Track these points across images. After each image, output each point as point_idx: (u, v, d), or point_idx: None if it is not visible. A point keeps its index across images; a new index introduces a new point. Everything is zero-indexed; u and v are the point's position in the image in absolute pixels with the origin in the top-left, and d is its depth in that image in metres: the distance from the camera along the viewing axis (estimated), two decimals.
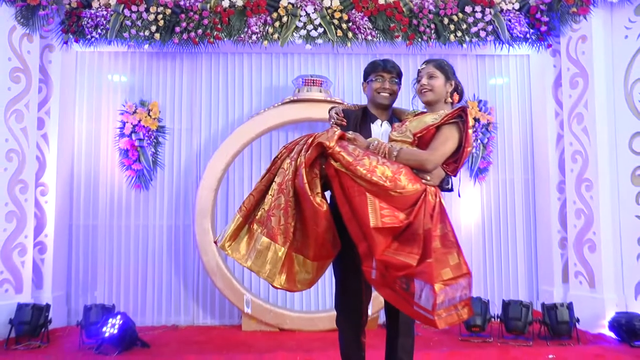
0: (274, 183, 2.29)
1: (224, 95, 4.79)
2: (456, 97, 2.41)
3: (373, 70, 2.62)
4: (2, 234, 3.99)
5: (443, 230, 2.09)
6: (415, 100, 2.52)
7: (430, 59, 2.48)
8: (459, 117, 2.23)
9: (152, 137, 4.58)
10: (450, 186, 2.38)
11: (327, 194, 2.33)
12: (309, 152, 2.21)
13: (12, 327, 3.75)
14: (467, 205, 4.76)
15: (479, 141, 4.74)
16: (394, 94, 2.60)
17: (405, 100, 3.52)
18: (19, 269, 4.07)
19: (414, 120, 2.37)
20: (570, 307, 3.89)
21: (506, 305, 3.95)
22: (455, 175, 2.32)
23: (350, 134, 2.31)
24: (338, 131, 2.27)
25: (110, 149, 4.65)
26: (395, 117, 2.65)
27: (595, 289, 4.16)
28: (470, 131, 2.22)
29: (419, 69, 2.48)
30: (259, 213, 2.31)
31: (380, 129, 2.57)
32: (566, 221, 4.47)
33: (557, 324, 3.82)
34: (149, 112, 4.57)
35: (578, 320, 3.87)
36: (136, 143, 4.54)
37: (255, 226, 2.30)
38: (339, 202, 2.20)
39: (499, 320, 3.98)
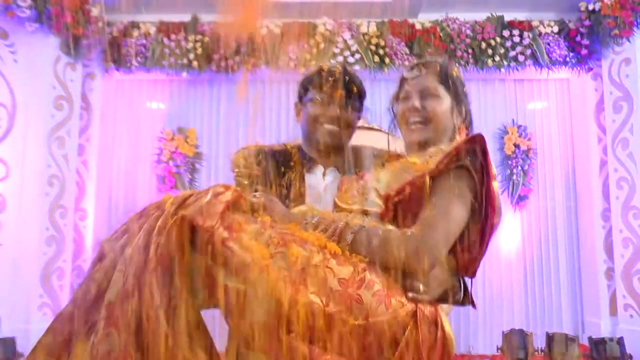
0: (104, 299, 1.13)
1: (260, 122, 4.82)
2: (463, 131, 1.51)
3: (312, 84, 1.70)
4: (42, 258, 4.06)
5: None
6: (395, 132, 1.59)
7: (425, 61, 1.52)
8: (469, 154, 1.30)
9: (189, 163, 4.62)
10: (460, 296, 1.35)
11: None
12: (165, 239, 1.12)
13: None
14: (506, 233, 4.62)
15: (519, 167, 4.62)
16: (348, 128, 1.69)
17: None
18: (57, 292, 4.12)
19: (387, 168, 1.44)
20: (620, 342, 3.70)
21: (550, 338, 3.78)
22: (473, 276, 1.34)
23: (257, 198, 1.34)
24: (228, 195, 1.22)
25: (147, 175, 4.71)
26: (355, 162, 1.72)
27: None
28: (494, 183, 1.28)
29: (403, 77, 1.53)
30: None
31: (322, 183, 1.66)
32: (612, 250, 4.29)
33: None
34: (186, 139, 4.62)
35: (631, 357, 3.67)
36: (173, 169, 4.58)
37: None
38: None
39: (542, 354, 3.81)
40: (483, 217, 1.28)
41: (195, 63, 4.38)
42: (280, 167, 1.68)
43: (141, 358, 1.09)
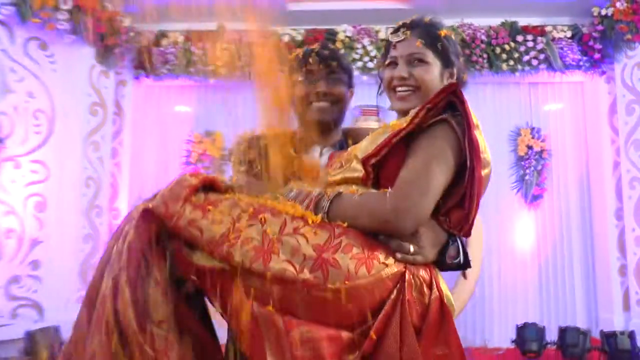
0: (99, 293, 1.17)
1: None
2: None
3: (297, 65, 1.70)
4: (80, 255, 4.32)
5: None
6: (384, 100, 1.50)
7: (411, 21, 1.40)
8: (448, 106, 1.22)
9: (217, 165, 4.85)
10: (460, 258, 1.26)
11: None
12: (133, 234, 1.15)
13: None
14: (521, 231, 4.77)
15: (532, 168, 4.77)
16: (338, 102, 1.67)
17: None
18: None
19: (366, 137, 1.34)
20: (632, 335, 3.84)
21: (563, 331, 3.94)
22: (468, 235, 1.25)
23: (236, 179, 1.38)
24: (195, 180, 1.26)
25: (176, 176, 4.94)
26: (348, 142, 1.63)
27: None
28: (478, 133, 1.20)
29: (388, 40, 1.43)
30: None
31: (322, 162, 1.63)
32: (625, 248, 4.42)
33: (617, 353, 3.78)
34: (213, 142, 4.86)
35: None
36: (201, 171, 4.82)
37: None
38: (232, 331, 1.22)
39: (555, 346, 3.97)
40: (469, 170, 1.18)
41: (221, 69, 4.60)
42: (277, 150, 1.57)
43: (125, 352, 1.09)
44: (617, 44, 4.44)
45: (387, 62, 1.42)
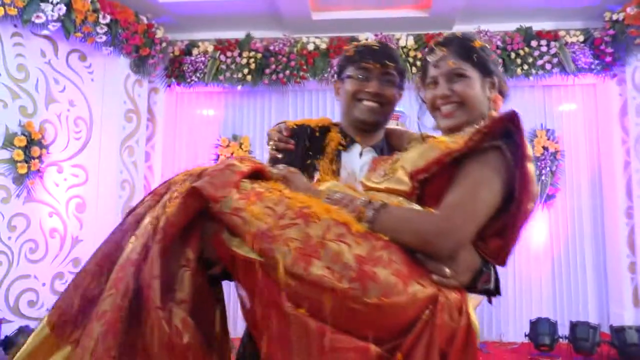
0: (118, 261, 1.16)
1: None
2: (499, 101, 1.41)
3: (350, 60, 1.65)
4: None
5: None
6: (427, 120, 1.49)
7: (445, 39, 1.42)
8: (503, 134, 1.20)
9: None
10: (492, 284, 1.25)
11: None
12: (175, 209, 1.13)
13: None
14: (535, 229, 4.95)
15: (547, 169, 4.94)
16: (388, 104, 1.64)
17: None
18: None
19: (413, 149, 1.37)
20: (639, 330, 4.03)
21: (574, 326, 4.13)
22: (504, 264, 1.25)
23: (279, 169, 1.32)
24: (245, 166, 1.22)
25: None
26: (390, 144, 1.68)
27: None
28: (530, 165, 1.17)
29: (425, 59, 1.44)
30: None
31: (358, 162, 1.61)
32: (635, 246, 4.59)
33: (626, 346, 3.96)
34: (240, 146, 5.11)
35: None
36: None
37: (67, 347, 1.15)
38: (249, 324, 1.20)
39: (567, 340, 4.16)
40: (516, 202, 1.17)
41: (249, 77, 4.86)
42: (317, 143, 1.62)
43: (130, 325, 1.06)
44: (628, 47, 4.60)
45: (427, 82, 1.42)
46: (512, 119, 1.18)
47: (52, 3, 3.99)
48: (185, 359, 1.07)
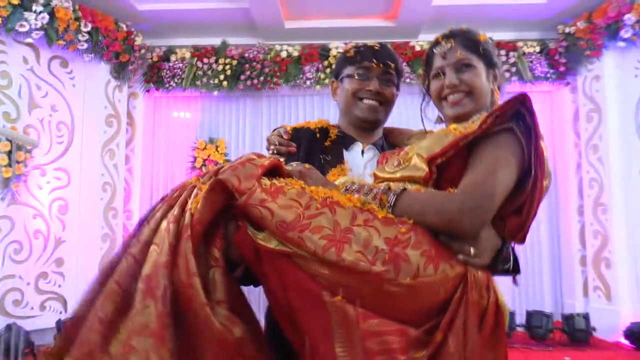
0: (141, 274, 1.09)
1: None
2: (498, 93, 1.46)
3: (350, 60, 1.68)
4: (99, 252, 4.78)
5: None
6: (429, 113, 1.53)
7: (451, 31, 1.48)
8: (515, 115, 1.23)
9: None
10: (509, 264, 1.30)
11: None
12: (200, 204, 1.11)
13: None
14: None
15: None
16: (387, 103, 1.67)
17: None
18: None
19: (426, 138, 1.41)
20: (586, 317, 4.40)
21: (529, 315, 4.49)
22: (523, 242, 1.30)
23: (293, 166, 1.33)
24: (266, 159, 1.22)
25: (183, 180, 5.42)
26: (389, 143, 1.73)
27: (611, 302, 4.65)
28: (542, 144, 1.24)
29: (430, 53, 1.48)
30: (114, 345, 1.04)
31: (361, 160, 1.64)
32: (585, 241, 4.97)
33: (575, 332, 4.34)
34: (216, 148, 5.32)
35: (594, 329, 4.37)
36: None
37: None
38: (280, 317, 1.18)
39: (523, 328, 4.52)
40: (532, 180, 1.20)
41: (225, 83, 5.08)
42: (318, 145, 1.64)
43: (177, 329, 1.03)
44: (579, 58, 4.97)
45: (434, 73, 1.45)
46: (523, 100, 1.22)
47: (35, 12, 4.13)
48: (239, 353, 1.07)
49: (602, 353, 4.21)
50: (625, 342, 4.39)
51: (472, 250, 1.14)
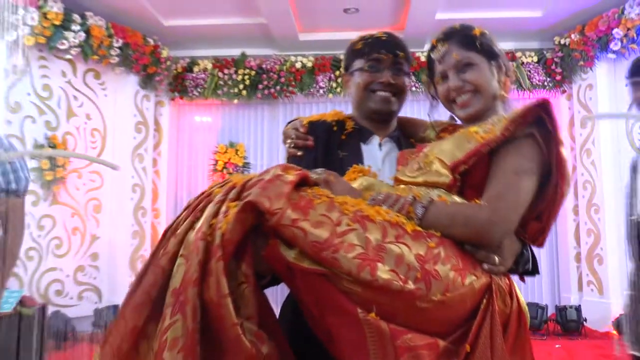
0: (169, 286, 1.08)
1: None
2: (507, 83, 1.43)
3: (359, 53, 1.62)
4: (130, 248, 5.24)
5: None
6: (438, 113, 1.55)
7: (444, 32, 1.43)
8: (536, 121, 1.23)
9: (239, 171, 5.74)
10: (529, 265, 1.34)
11: None
12: (230, 225, 1.08)
13: None
14: None
15: None
16: (401, 93, 1.63)
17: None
18: None
19: (446, 140, 1.37)
20: (578, 308, 4.75)
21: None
22: (542, 246, 1.35)
23: (318, 174, 1.27)
24: (292, 175, 1.17)
25: (205, 182, 5.86)
26: (404, 133, 1.67)
27: (603, 295, 5.00)
28: (563, 150, 1.24)
29: (428, 58, 1.46)
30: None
31: (379, 154, 1.60)
32: (580, 239, 5.32)
33: (567, 322, 4.69)
34: (236, 152, 5.75)
35: (585, 320, 4.72)
36: (226, 176, 5.72)
37: None
38: (317, 331, 1.18)
39: None
40: (553, 186, 1.22)
41: (244, 92, 5.50)
42: (335, 138, 1.58)
43: (205, 345, 1.04)
44: (574, 68, 5.31)
45: (437, 78, 1.43)
46: (544, 106, 1.21)
47: (74, 31, 4.58)
48: None
49: (590, 342, 4.57)
50: (614, 332, 4.74)
51: (496, 259, 1.17)
